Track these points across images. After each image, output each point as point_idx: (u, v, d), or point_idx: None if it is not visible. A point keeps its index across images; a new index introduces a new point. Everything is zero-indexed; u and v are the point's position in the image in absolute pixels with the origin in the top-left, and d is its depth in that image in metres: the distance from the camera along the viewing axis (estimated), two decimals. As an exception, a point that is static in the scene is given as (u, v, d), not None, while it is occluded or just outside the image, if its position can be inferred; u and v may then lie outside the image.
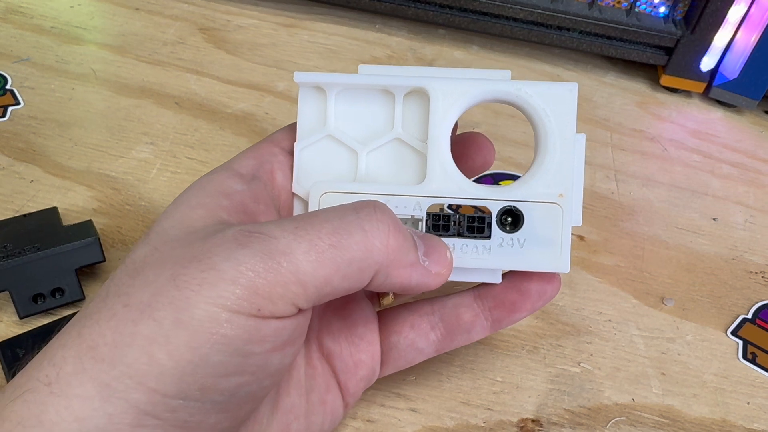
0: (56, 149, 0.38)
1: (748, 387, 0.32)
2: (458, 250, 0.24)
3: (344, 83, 0.25)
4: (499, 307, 0.27)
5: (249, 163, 0.25)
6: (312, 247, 0.19)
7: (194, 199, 0.23)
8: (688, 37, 0.46)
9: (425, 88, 0.25)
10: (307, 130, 0.26)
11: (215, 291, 0.18)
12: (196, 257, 0.19)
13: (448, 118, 0.25)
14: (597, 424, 0.30)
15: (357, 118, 0.26)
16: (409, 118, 0.25)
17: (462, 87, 0.25)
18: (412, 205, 0.24)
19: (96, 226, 0.32)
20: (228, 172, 0.24)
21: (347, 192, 0.24)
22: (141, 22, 0.47)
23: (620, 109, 0.48)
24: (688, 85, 0.48)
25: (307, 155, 0.25)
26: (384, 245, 0.21)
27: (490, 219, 0.24)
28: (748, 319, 0.35)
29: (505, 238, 0.24)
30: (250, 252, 0.19)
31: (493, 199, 0.24)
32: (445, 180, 0.24)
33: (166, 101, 0.42)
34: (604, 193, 0.41)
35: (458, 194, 0.24)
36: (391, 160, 0.25)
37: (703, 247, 0.39)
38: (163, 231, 0.22)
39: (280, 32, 0.49)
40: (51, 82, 0.42)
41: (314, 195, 0.24)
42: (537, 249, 0.24)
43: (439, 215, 0.24)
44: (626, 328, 0.34)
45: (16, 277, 0.29)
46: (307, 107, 0.26)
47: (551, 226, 0.24)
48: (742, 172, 0.44)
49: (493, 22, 0.48)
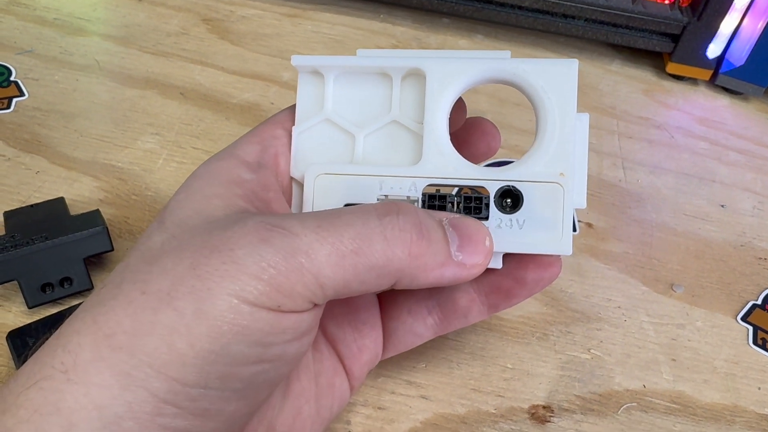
0: (61, 140, 0.37)
1: (758, 372, 0.32)
2: None
3: (341, 66, 0.25)
4: (495, 293, 0.26)
5: (253, 149, 0.24)
6: (334, 251, 0.19)
7: (208, 188, 0.22)
8: (694, 24, 0.46)
9: (421, 67, 0.24)
10: (305, 114, 0.25)
11: (237, 284, 0.18)
12: (217, 248, 0.19)
13: (445, 97, 0.24)
14: (608, 410, 0.30)
15: (355, 102, 0.25)
16: (406, 100, 0.25)
17: (459, 66, 0.24)
18: (408, 186, 0.24)
19: (103, 216, 0.31)
20: (234, 159, 0.24)
21: (342, 173, 0.24)
22: (144, 13, 0.47)
23: (626, 96, 0.47)
24: (695, 72, 0.48)
25: (305, 139, 0.25)
26: (406, 254, 0.20)
27: (488, 200, 0.23)
28: (758, 305, 0.35)
29: (503, 219, 0.23)
30: (272, 248, 0.19)
31: (491, 179, 0.24)
32: (441, 161, 0.24)
33: (171, 92, 0.41)
34: (612, 180, 0.41)
35: (455, 175, 0.24)
36: (388, 143, 0.25)
37: (711, 233, 0.39)
38: (180, 221, 0.21)
39: (283, 22, 0.48)
40: (55, 73, 0.42)
41: (309, 177, 0.24)
42: (537, 230, 0.23)
43: (435, 195, 0.24)
44: (636, 314, 0.34)
45: (25, 266, 0.29)
46: (306, 91, 0.26)
47: (552, 206, 0.23)
48: (750, 159, 0.44)
49: (497, 11, 0.47)
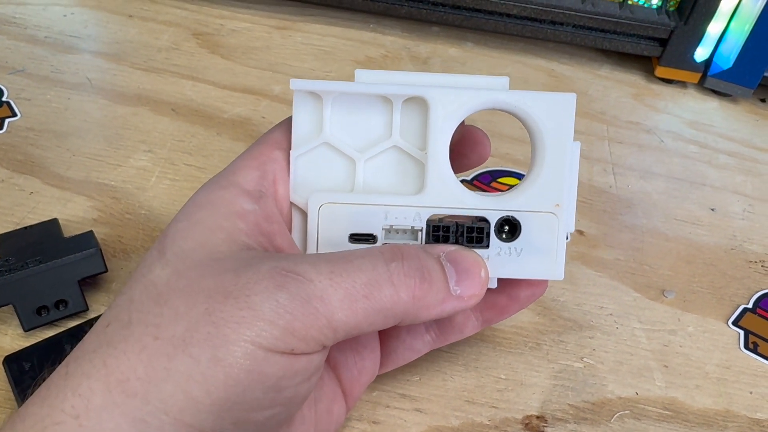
0: (55, 160, 0.38)
1: (750, 377, 0.32)
2: None
3: (341, 91, 0.25)
4: (490, 309, 0.28)
5: (252, 175, 0.24)
6: (347, 296, 0.20)
7: (210, 219, 0.22)
8: (681, 28, 0.46)
9: (425, 97, 0.24)
10: (303, 138, 0.25)
11: (253, 330, 0.19)
12: (232, 294, 0.19)
13: (448, 127, 0.25)
14: (601, 418, 0.30)
15: (354, 126, 0.25)
16: (407, 126, 0.25)
17: (462, 97, 0.24)
18: (412, 215, 0.24)
19: (97, 236, 0.32)
20: (235, 188, 0.23)
21: (346, 203, 0.24)
22: (135, 29, 0.47)
23: (616, 101, 0.48)
24: (683, 75, 0.48)
25: (304, 163, 0.25)
26: (410, 297, 0.21)
27: (488, 229, 0.25)
28: (749, 309, 0.35)
29: (503, 248, 0.25)
30: (288, 295, 0.19)
31: (491, 209, 0.25)
32: (444, 190, 0.24)
33: (163, 108, 0.42)
34: (602, 186, 0.41)
35: (457, 204, 0.25)
36: (388, 168, 0.25)
37: (702, 238, 0.39)
38: (183, 253, 0.21)
39: (273, 35, 0.49)
40: (47, 92, 0.42)
41: (313, 207, 0.24)
42: (533, 257, 0.25)
43: (439, 226, 0.24)
44: (628, 321, 0.34)
45: (20, 290, 0.29)
46: (303, 114, 0.25)
47: (547, 235, 0.25)
48: (739, 162, 0.44)
49: (486, 19, 0.48)
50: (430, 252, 0.23)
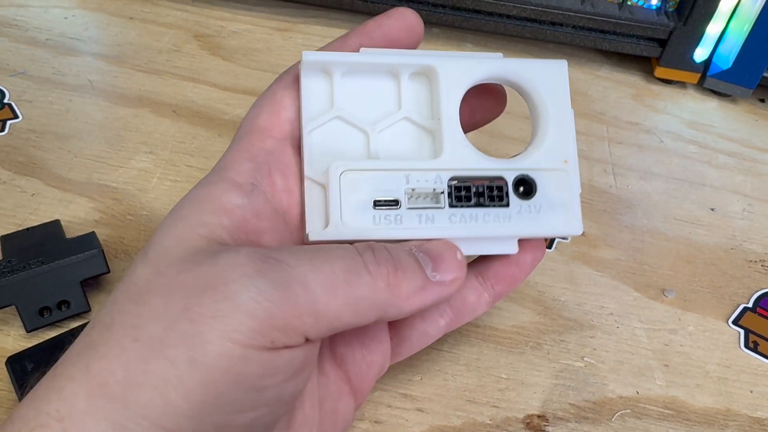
0: (56, 162, 0.38)
1: (750, 375, 0.32)
2: (481, 220, 0.25)
3: (352, 62, 0.25)
4: (501, 282, 0.28)
5: (244, 167, 0.23)
6: (327, 281, 0.20)
7: (194, 216, 0.22)
8: (680, 29, 0.46)
9: (434, 65, 0.25)
10: (315, 112, 0.25)
11: (230, 324, 0.18)
12: (210, 284, 0.19)
13: (457, 93, 0.25)
14: (602, 417, 0.30)
15: (363, 99, 0.25)
16: (415, 97, 0.26)
17: (467, 63, 0.26)
18: (432, 178, 0.24)
19: (99, 237, 0.32)
20: (225, 183, 0.23)
21: (368, 169, 0.24)
22: (136, 31, 0.47)
23: (615, 102, 0.48)
24: (683, 76, 0.49)
25: (317, 137, 0.25)
26: (386, 284, 0.21)
27: (507, 188, 0.25)
28: (749, 308, 0.35)
29: (522, 206, 0.25)
30: (267, 281, 0.19)
31: (507, 169, 0.25)
32: (460, 154, 0.25)
33: (164, 110, 0.42)
34: (602, 187, 0.41)
35: (475, 166, 0.25)
36: (401, 138, 0.26)
37: (702, 237, 0.39)
38: (163, 250, 0.21)
39: (274, 37, 0.49)
40: (48, 94, 0.42)
41: (334, 175, 0.24)
42: (552, 214, 0.25)
43: (460, 187, 0.24)
44: (628, 321, 0.34)
45: (22, 291, 0.29)
46: (311, 89, 0.25)
47: (562, 190, 0.25)
48: (739, 162, 0.45)
49: (486, 20, 0.48)
50: (399, 247, 0.23)
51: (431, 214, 0.24)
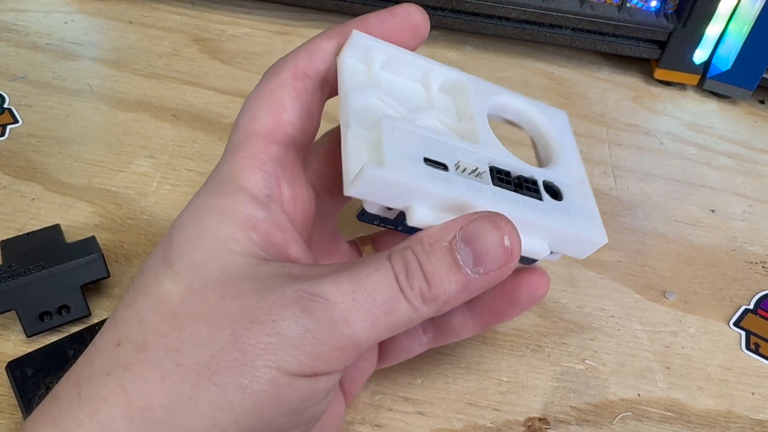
0: (56, 166, 0.38)
1: (752, 377, 0.32)
2: (521, 204, 0.24)
3: (396, 55, 0.25)
4: (488, 314, 0.27)
5: (256, 178, 0.22)
6: (370, 315, 0.20)
7: (221, 229, 0.21)
8: (680, 31, 0.46)
9: (464, 82, 0.26)
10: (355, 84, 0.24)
11: (279, 356, 0.19)
12: (259, 319, 0.19)
13: (485, 104, 0.26)
14: (603, 420, 0.30)
15: (399, 91, 0.25)
16: (444, 106, 0.26)
17: (492, 86, 0.27)
18: (475, 158, 0.24)
19: (99, 242, 0.32)
20: (242, 194, 0.22)
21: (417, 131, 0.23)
22: (135, 35, 0.48)
23: (615, 104, 0.48)
24: (682, 77, 0.49)
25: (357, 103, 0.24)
26: (422, 303, 0.21)
27: (540, 185, 0.25)
28: (750, 310, 0.35)
29: (554, 204, 0.25)
30: (314, 320, 0.19)
31: (536, 172, 0.25)
32: (495, 146, 0.25)
33: (164, 114, 0.42)
34: (603, 189, 0.41)
35: (509, 161, 0.25)
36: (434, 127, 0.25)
37: (702, 239, 0.39)
38: (195, 266, 0.20)
39: (274, 40, 0.49)
40: (48, 99, 0.42)
41: (386, 126, 0.22)
42: (579, 219, 0.25)
43: (501, 170, 0.24)
44: (629, 323, 0.34)
45: (22, 296, 0.29)
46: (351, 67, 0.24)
47: (584, 203, 0.26)
48: (739, 163, 0.45)
49: (485, 23, 0.48)
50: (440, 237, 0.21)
51: (477, 186, 0.23)
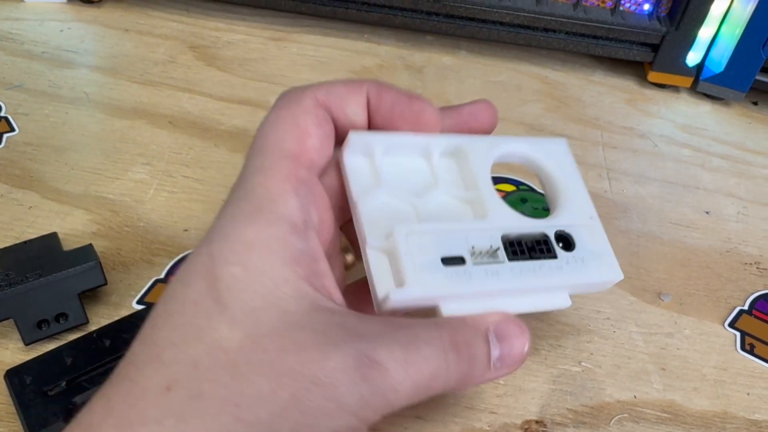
0: (53, 174, 0.38)
1: (747, 378, 0.33)
2: (538, 272, 0.26)
3: (392, 142, 0.26)
4: None
5: (293, 204, 0.22)
6: (414, 387, 0.21)
7: (269, 267, 0.21)
8: (672, 33, 0.47)
9: (462, 145, 0.27)
10: (363, 187, 0.26)
11: (336, 421, 0.19)
12: (320, 381, 0.19)
13: (486, 164, 0.27)
14: (600, 422, 0.30)
15: (402, 174, 0.27)
16: (448, 173, 0.28)
17: (491, 141, 0.28)
18: (487, 236, 0.26)
19: (96, 249, 0.32)
20: (283, 224, 0.22)
21: (430, 231, 0.25)
22: (131, 43, 0.48)
23: (609, 107, 0.48)
24: (676, 80, 0.49)
25: (368, 210, 0.25)
26: (457, 382, 0.23)
27: (551, 242, 0.27)
28: (745, 311, 0.36)
29: (568, 258, 0.27)
30: (370, 388, 0.20)
31: (545, 226, 0.27)
32: (503, 214, 0.26)
33: (160, 121, 0.42)
34: (597, 191, 0.41)
35: (518, 225, 0.26)
36: (443, 207, 0.27)
37: (697, 241, 0.39)
38: (252, 312, 0.20)
39: (269, 46, 0.49)
40: (44, 107, 0.42)
41: (400, 237, 0.24)
42: (594, 263, 0.27)
43: (513, 242, 0.26)
44: (625, 325, 0.34)
45: (20, 304, 0.29)
46: (356, 164, 0.26)
47: (596, 241, 0.27)
48: (733, 164, 0.45)
49: (479, 27, 0.48)
50: (479, 328, 0.24)
51: (495, 269, 0.25)
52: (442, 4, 0.47)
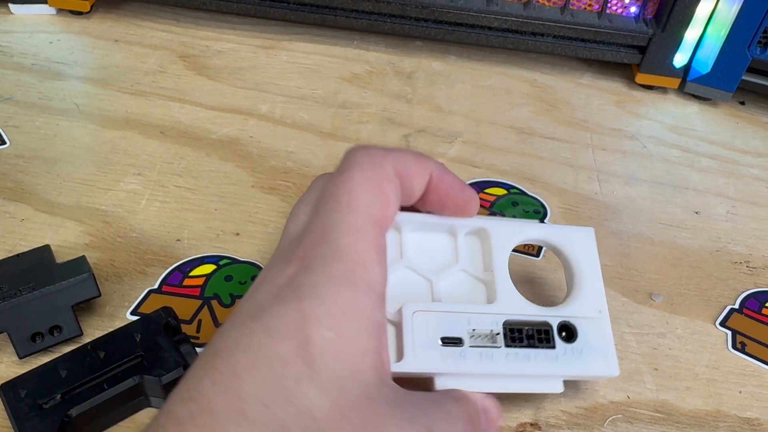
0: (45, 186, 0.38)
1: (739, 376, 0.33)
2: (532, 360, 0.27)
3: (420, 221, 0.28)
4: None
5: (379, 272, 0.23)
6: None
7: (359, 338, 0.22)
8: (659, 35, 0.47)
9: (486, 227, 0.29)
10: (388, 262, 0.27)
11: None
12: None
13: (506, 250, 0.29)
14: (594, 423, 0.30)
15: (426, 251, 0.29)
16: (469, 252, 0.30)
17: (513, 227, 0.30)
18: (490, 321, 0.28)
19: (89, 261, 0.32)
20: (373, 294, 0.23)
21: (434, 311, 0.27)
22: (121, 54, 0.48)
23: (598, 109, 0.48)
24: (663, 81, 0.49)
25: (390, 282, 0.26)
26: None
27: (552, 332, 0.28)
28: (736, 309, 0.36)
29: (566, 348, 0.28)
30: None
31: (551, 316, 0.28)
32: (512, 301, 0.28)
33: (151, 131, 0.42)
34: (588, 194, 0.42)
35: (524, 312, 0.28)
36: (458, 285, 0.29)
37: (687, 241, 0.39)
38: (340, 382, 0.21)
39: (259, 55, 0.49)
40: (35, 119, 0.42)
41: (407, 314, 0.26)
42: (592, 357, 0.28)
43: (514, 329, 0.28)
44: (617, 326, 0.34)
45: (14, 317, 0.29)
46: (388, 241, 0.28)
47: (599, 336, 0.29)
48: (721, 164, 0.45)
49: (468, 32, 0.48)
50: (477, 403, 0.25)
51: (490, 353, 0.27)
52: (431, 10, 0.47)
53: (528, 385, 0.28)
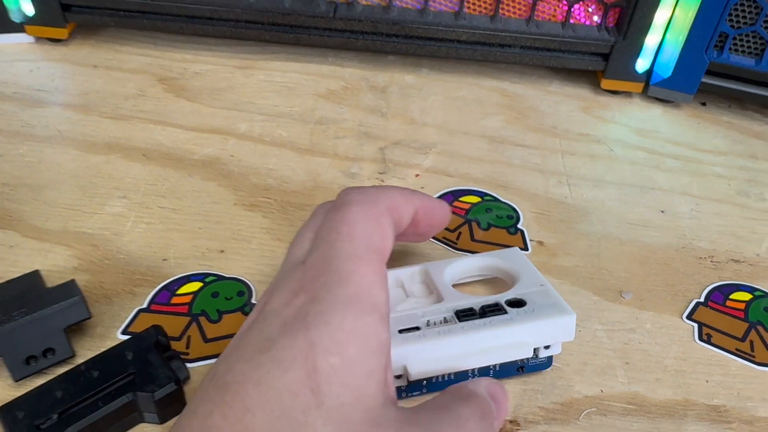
0: (32, 213, 0.39)
1: (705, 366, 0.35)
2: (488, 325, 0.30)
3: None
4: None
5: (382, 296, 0.24)
6: None
7: (364, 361, 0.22)
8: (621, 43, 0.49)
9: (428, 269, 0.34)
10: None
11: None
12: None
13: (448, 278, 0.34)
14: (570, 417, 0.32)
15: None
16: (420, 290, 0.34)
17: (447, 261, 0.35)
18: (442, 312, 0.31)
19: (78, 284, 0.33)
20: (377, 314, 0.23)
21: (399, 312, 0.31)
22: (101, 79, 0.49)
23: (566, 115, 0.50)
24: (627, 86, 0.51)
25: None
26: None
27: (502, 304, 0.31)
28: (701, 303, 0.38)
29: (519, 311, 0.31)
30: None
31: (499, 298, 0.32)
32: (458, 298, 0.32)
33: (134, 154, 0.43)
34: (558, 198, 0.43)
35: (472, 301, 0.32)
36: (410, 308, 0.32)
37: (654, 239, 0.41)
38: (344, 409, 0.21)
39: (236, 75, 0.51)
40: (19, 147, 0.43)
41: None
42: (545, 311, 0.31)
43: (465, 309, 0.31)
44: (589, 324, 0.36)
45: (7, 342, 0.30)
46: None
47: (547, 298, 0.32)
48: (685, 164, 0.47)
49: (438, 46, 0.50)
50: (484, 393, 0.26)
51: (447, 328, 0.30)
52: (402, 26, 0.49)
53: (498, 357, 0.30)
